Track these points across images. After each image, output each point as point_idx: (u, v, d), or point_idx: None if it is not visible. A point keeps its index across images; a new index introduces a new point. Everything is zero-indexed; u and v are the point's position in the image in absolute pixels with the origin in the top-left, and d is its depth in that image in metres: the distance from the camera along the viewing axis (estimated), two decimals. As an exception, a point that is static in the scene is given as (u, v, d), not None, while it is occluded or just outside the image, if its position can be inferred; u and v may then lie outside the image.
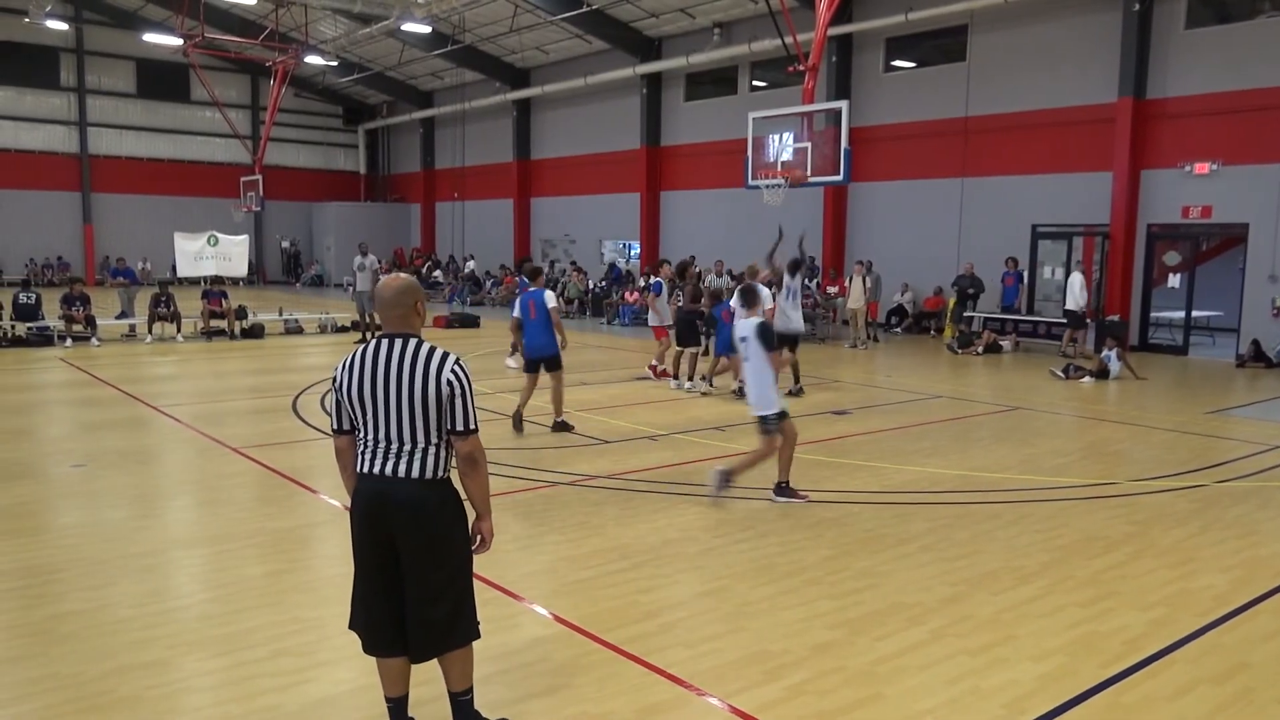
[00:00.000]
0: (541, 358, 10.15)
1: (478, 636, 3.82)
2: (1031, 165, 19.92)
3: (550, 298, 10.07)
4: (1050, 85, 19.45)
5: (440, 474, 3.62)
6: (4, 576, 5.66)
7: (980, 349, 18.09)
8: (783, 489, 7.49)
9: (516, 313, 10.39)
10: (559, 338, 10.05)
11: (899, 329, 21.90)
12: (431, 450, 3.58)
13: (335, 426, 3.74)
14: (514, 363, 14.59)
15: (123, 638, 4.80)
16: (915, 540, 6.54)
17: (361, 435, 3.64)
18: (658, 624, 5.06)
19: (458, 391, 3.57)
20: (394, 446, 3.58)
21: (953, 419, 11.41)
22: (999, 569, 5.97)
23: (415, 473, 3.57)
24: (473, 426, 3.61)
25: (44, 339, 17.73)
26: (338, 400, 3.67)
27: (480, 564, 5.79)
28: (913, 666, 4.56)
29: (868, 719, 4.07)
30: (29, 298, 18.27)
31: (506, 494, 7.64)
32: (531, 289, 10.24)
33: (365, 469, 3.63)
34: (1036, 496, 7.78)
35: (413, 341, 3.60)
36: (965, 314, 19.67)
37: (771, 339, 7.45)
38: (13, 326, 17.86)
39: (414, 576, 3.60)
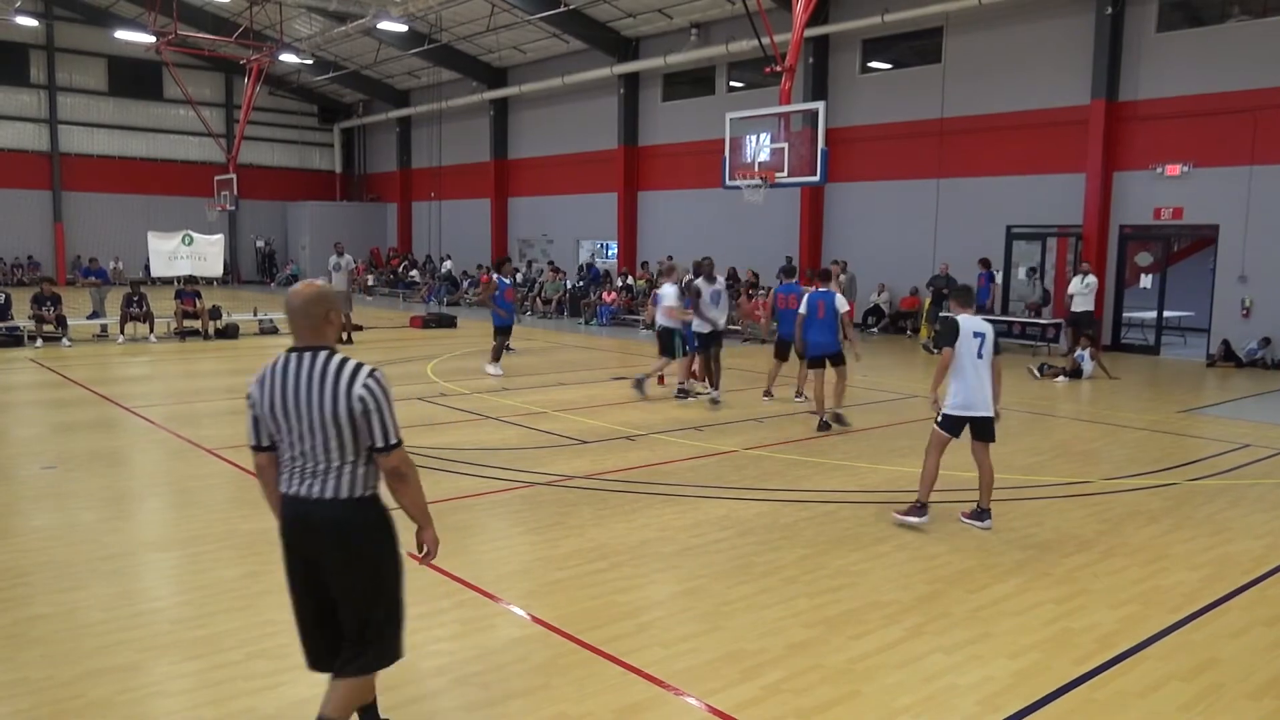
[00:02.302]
0: (827, 354, 10.69)
1: (396, 658, 3.60)
2: (1006, 167, 20.09)
3: (842, 301, 10.65)
4: (1024, 87, 19.63)
5: (363, 492, 3.42)
6: (-28, 580, 5.57)
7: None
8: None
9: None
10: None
11: (875, 329, 22.02)
12: (349, 468, 3.37)
13: (253, 444, 3.51)
14: (494, 370, 14.46)
15: (94, 641, 4.74)
16: (892, 539, 6.58)
17: (280, 453, 3.45)
18: (635, 624, 5.05)
19: (372, 407, 3.33)
20: (310, 465, 3.38)
21: (929, 419, 11.44)
22: (974, 567, 6.02)
23: (335, 492, 3.37)
24: (394, 441, 3.38)
25: (13, 339, 17.48)
26: (255, 417, 3.45)
27: (457, 565, 5.81)
28: (890, 664, 4.58)
29: (845, 717, 4.08)
30: (-3, 298, 18.00)
31: (484, 495, 7.62)
32: (821, 289, 10.77)
33: (285, 489, 3.45)
34: (1011, 495, 7.85)
35: (323, 355, 3.37)
36: (941, 314, 19.79)
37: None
38: (-19, 327, 17.59)
39: (340, 598, 3.44)
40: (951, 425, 6.90)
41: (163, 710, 4.08)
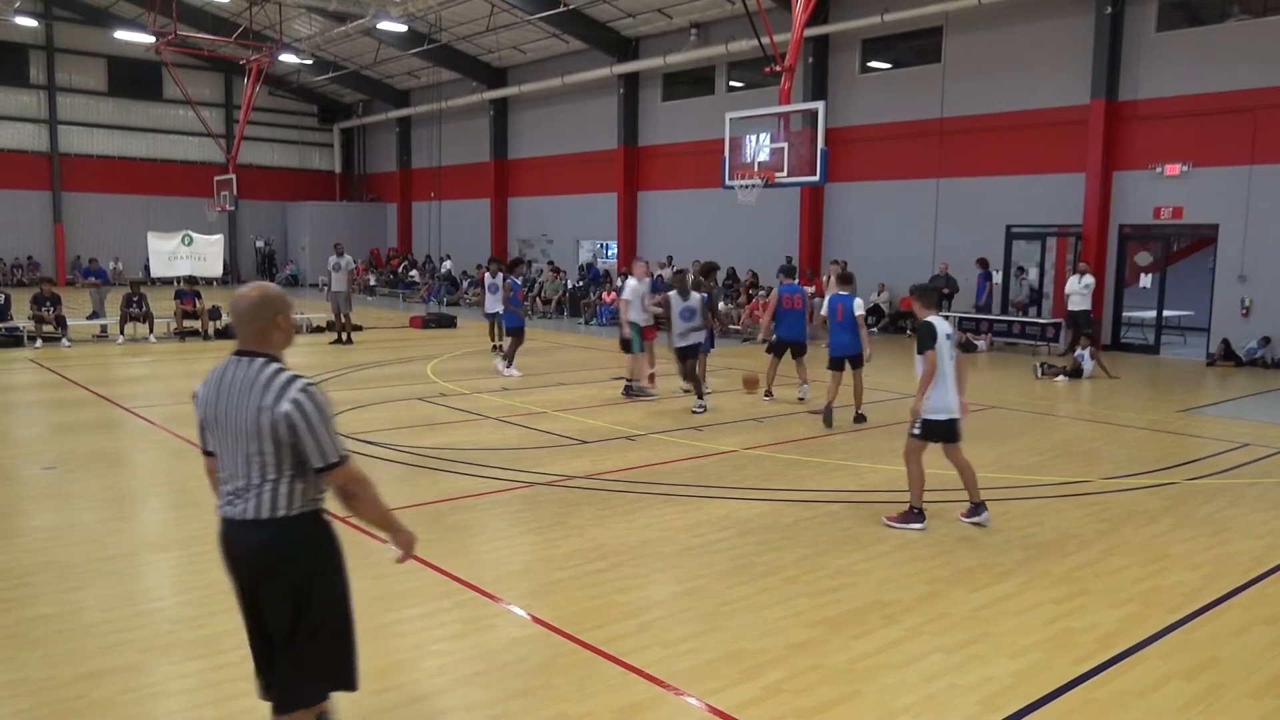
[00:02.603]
0: (847, 355, 10.85)
1: (339, 689, 3.35)
2: (1005, 166, 20.09)
3: (859, 304, 10.79)
4: (1024, 87, 19.63)
5: (296, 510, 3.15)
6: (-28, 581, 5.57)
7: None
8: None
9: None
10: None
11: (875, 329, 21.96)
12: (272, 485, 3.12)
13: (202, 447, 3.35)
14: (514, 372, 14.40)
15: (95, 642, 4.74)
16: (892, 539, 6.58)
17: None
18: (636, 624, 5.06)
19: (300, 424, 3.06)
20: (240, 483, 3.16)
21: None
22: (975, 567, 6.02)
23: (264, 512, 3.13)
24: (333, 460, 3.11)
25: (13, 340, 17.48)
26: (200, 420, 3.28)
27: (457, 565, 5.81)
28: (890, 664, 4.58)
29: (845, 717, 4.09)
30: (-3, 299, 18.01)
31: (484, 495, 7.62)
32: (841, 292, 10.90)
33: (219, 506, 3.25)
34: (1011, 495, 7.85)
35: (258, 363, 3.14)
36: (940, 314, 19.78)
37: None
38: (-19, 327, 17.59)
39: (275, 626, 3.19)
40: (931, 431, 6.84)
41: (163, 710, 4.08)
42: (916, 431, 6.88)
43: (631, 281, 12.51)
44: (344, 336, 18.47)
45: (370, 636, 4.86)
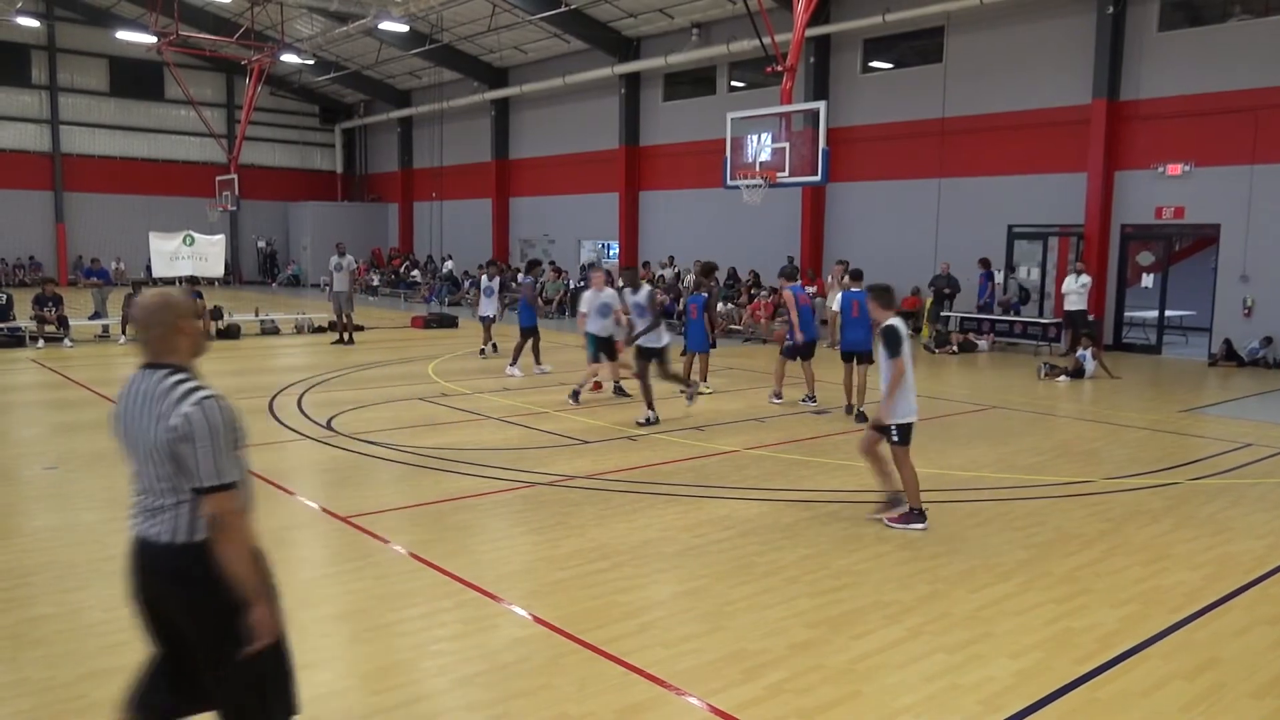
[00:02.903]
0: (856, 351, 11.20)
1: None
2: (1007, 166, 20.08)
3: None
4: (1025, 87, 19.62)
5: (204, 535, 2.95)
6: (-26, 581, 5.58)
7: (955, 348, 18.24)
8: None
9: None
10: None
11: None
12: (186, 506, 2.93)
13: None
14: (517, 371, 14.47)
15: (95, 642, 4.74)
16: (894, 539, 6.57)
17: None
18: (637, 624, 5.05)
19: (185, 436, 2.84)
20: (147, 500, 2.99)
21: (929, 418, 11.47)
22: (976, 567, 6.01)
23: (171, 535, 2.94)
24: (212, 483, 2.86)
25: (15, 340, 17.50)
26: (117, 438, 3.11)
27: (458, 565, 5.81)
28: (891, 664, 4.58)
29: (847, 716, 4.08)
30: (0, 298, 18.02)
31: (485, 495, 7.62)
32: (854, 289, 11.25)
33: (132, 522, 3.06)
34: (1013, 495, 7.84)
35: (161, 373, 2.98)
36: (942, 314, 19.80)
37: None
38: (-18, 327, 17.61)
39: (193, 654, 3.02)
40: (907, 434, 6.80)
41: (165, 710, 4.07)
42: (896, 439, 6.80)
43: (587, 293, 12.11)
44: (345, 336, 18.48)
45: (371, 636, 4.88)
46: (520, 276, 15.46)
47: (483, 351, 16.71)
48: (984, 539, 6.62)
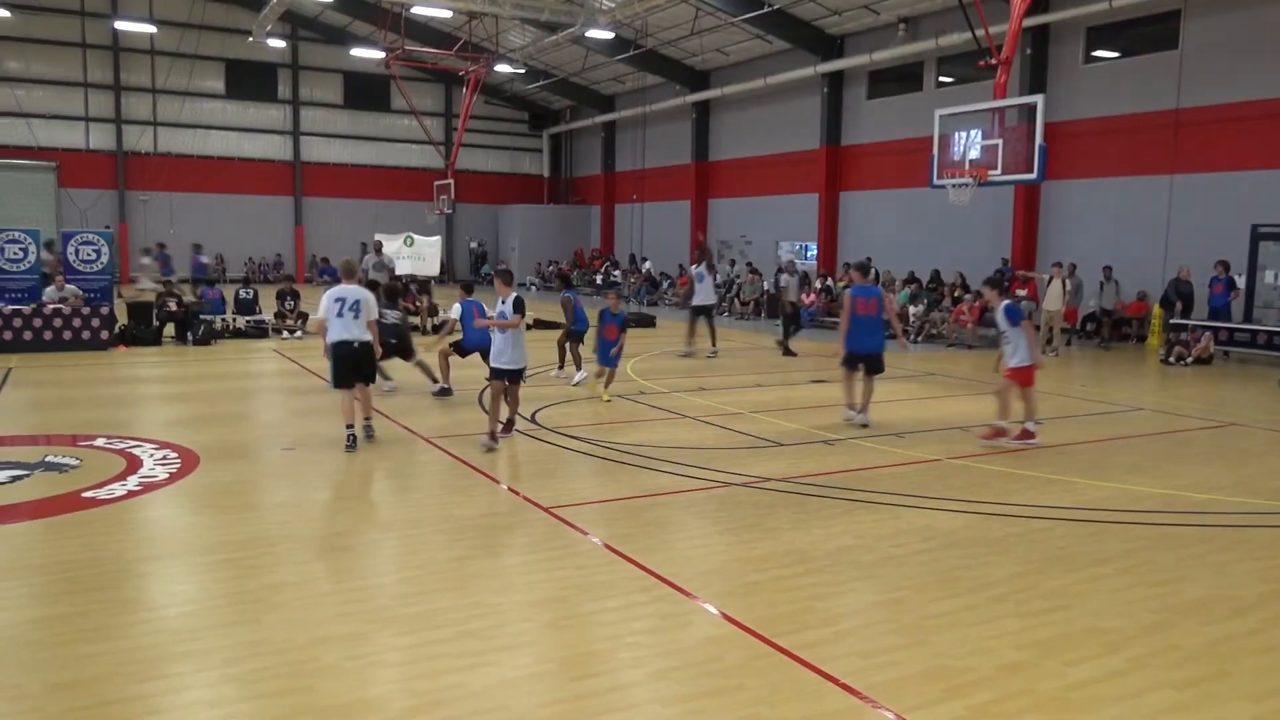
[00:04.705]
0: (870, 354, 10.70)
1: None
2: (1252, 160, 18.24)
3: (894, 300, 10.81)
4: (1273, 72, 17.74)
5: None
6: (225, 547, 6.20)
7: (1189, 359, 16.75)
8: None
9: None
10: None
11: (1105, 338, 20.25)
12: None
13: None
14: (580, 375, 13.84)
15: (325, 611, 5.15)
16: (1112, 561, 6.12)
17: None
18: (832, 631, 4.96)
19: None
20: None
21: (1156, 434, 10.62)
22: (1209, 598, 5.50)
23: None
24: None
25: (260, 331, 19.30)
26: None
27: (655, 560, 5.90)
28: (1109, 696, 4.27)
29: (1058, 747, 3.84)
30: (248, 293, 19.96)
31: (681, 493, 7.70)
32: (867, 284, 11.01)
33: None
34: (1253, 521, 7.12)
35: None
36: (1176, 321, 18.22)
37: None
38: (234, 319, 19.54)
39: None
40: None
41: (382, 679, 4.38)
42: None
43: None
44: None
45: (569, 624, 5.04)
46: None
47: (715, 352, 16.90)
48: (1219, 568, 6.04)
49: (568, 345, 14.21)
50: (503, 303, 9.24)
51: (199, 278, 25.08)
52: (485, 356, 11.41)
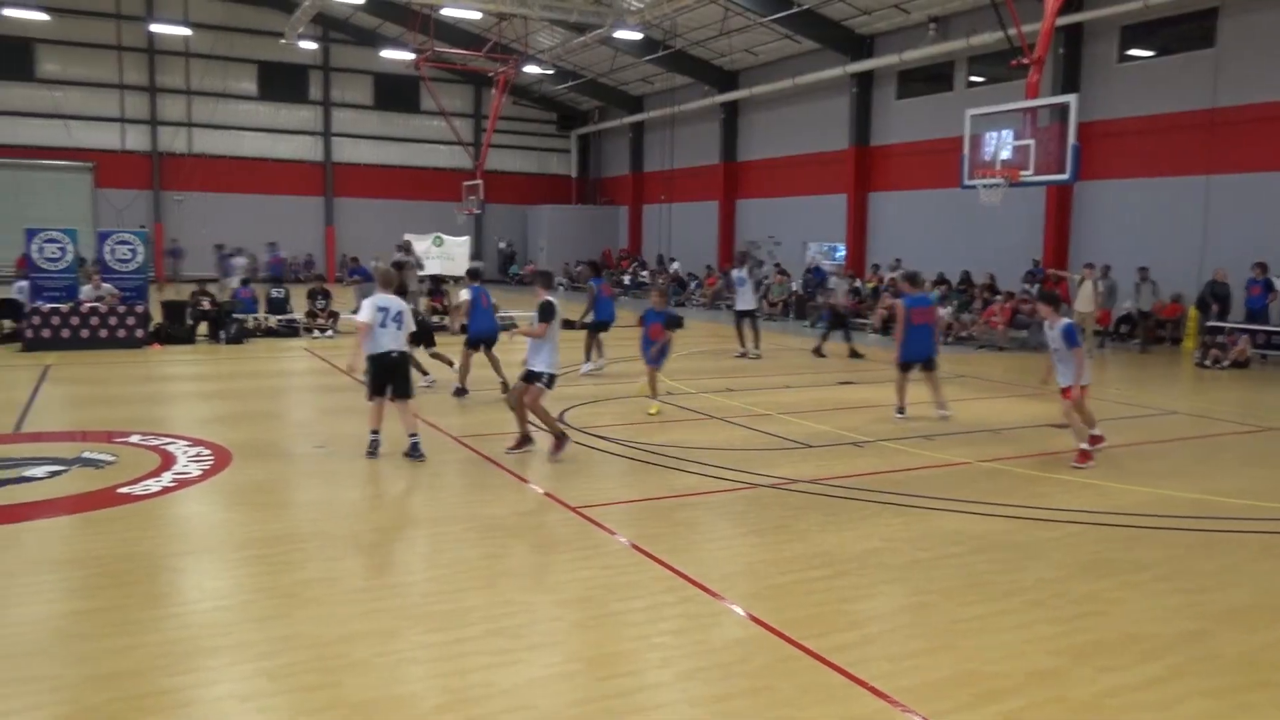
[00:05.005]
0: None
1: None
2: (1292, 160, 17.94)
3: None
4: (1317, 71, 17.45)
5: None
6: (257, 543, 6.26)
7: (1226, 362, 16.48)
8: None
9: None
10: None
11: (1143, 341, 19.90)
12: None
13: None
14: (587, 365, 14.69)
15: (354, 607, 5.19)
16: (1148, 568, 6.04)
17: None
18: (860, 634, 4.93)
19: None
20: None
21: (1192, 437, 10.46)
22: (1249, 605, 5.41)
23: None
24: None
25: (291, 330, 19.49)
26: None
27: (682, 561, 5.89)
28: (1146, 704, 4.21)
29: (1091, 754, 3.79)
30: (279, 293, 20.16)
31: (709, 493, 7.68)
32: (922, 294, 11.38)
33: None
34: (1293, 527, 7.00)
35: None
36: (1212, 324, 17.93)
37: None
38: (266, 318, 19.75)
39: None
40: None
41: (413, 676, 4.40)
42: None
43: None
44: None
45: (597, 623, 5.05)
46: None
47: (744, 353, 16.95)
48: (1260, 575, 5.94)
49: (587, 336, 14.69)
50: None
51: (276, 275, 25.47)
52: (489, 346, 11.68)
